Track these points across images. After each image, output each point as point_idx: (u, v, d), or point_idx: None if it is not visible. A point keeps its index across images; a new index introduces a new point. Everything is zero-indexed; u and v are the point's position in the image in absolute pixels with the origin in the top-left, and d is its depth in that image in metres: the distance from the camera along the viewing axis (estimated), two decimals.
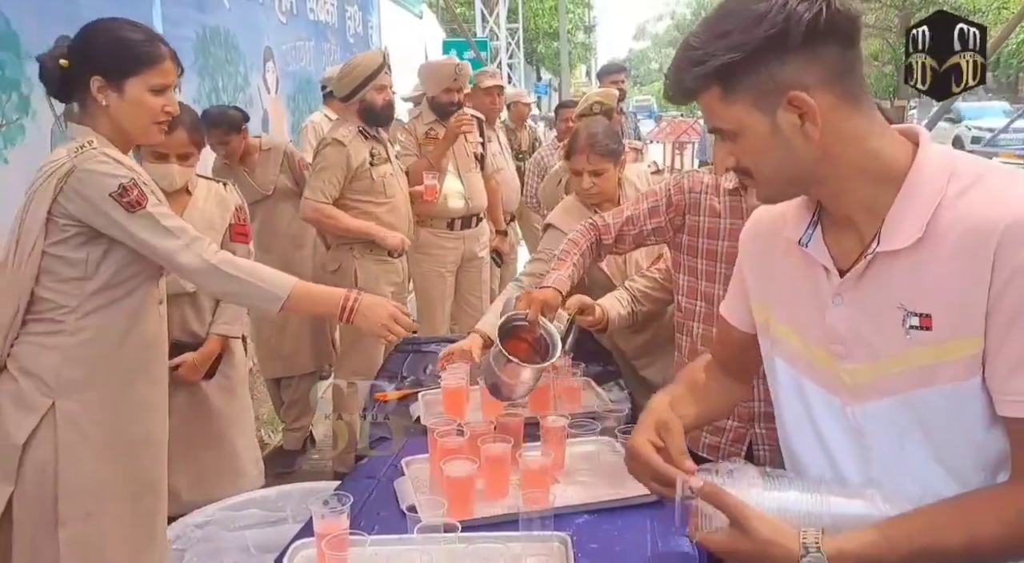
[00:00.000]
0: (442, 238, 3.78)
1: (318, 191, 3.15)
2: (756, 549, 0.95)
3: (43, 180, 1.70)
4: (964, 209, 0.90)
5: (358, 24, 6.47)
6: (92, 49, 1.73)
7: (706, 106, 0.99)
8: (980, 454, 0.94)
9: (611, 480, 1.55)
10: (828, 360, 1.03)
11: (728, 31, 0.92)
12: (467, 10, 16.17)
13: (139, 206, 1.69)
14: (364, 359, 3.24)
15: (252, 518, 2.14)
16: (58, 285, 1.72)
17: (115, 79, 1.71)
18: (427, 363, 2.52)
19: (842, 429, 1.03)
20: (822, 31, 0.90)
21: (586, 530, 1.38)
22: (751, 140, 0.97)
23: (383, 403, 2.16)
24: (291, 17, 4.95)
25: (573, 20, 26.07)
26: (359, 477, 1.66)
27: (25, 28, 2.58)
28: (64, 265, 1.72)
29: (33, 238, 1.70)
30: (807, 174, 0.97)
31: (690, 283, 1.99)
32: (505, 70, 15.40)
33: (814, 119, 0.92)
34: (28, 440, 1.70)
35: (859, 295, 0.99)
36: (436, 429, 1.58)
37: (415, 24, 9.19)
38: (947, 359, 0.92)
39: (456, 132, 3.63)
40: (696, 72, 0.95)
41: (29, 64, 2.61)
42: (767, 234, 1.13)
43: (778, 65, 0.91)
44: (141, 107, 1.73)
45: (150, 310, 1.85)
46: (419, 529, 1.27)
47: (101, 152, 1.70)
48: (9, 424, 1.71)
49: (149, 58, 1.72)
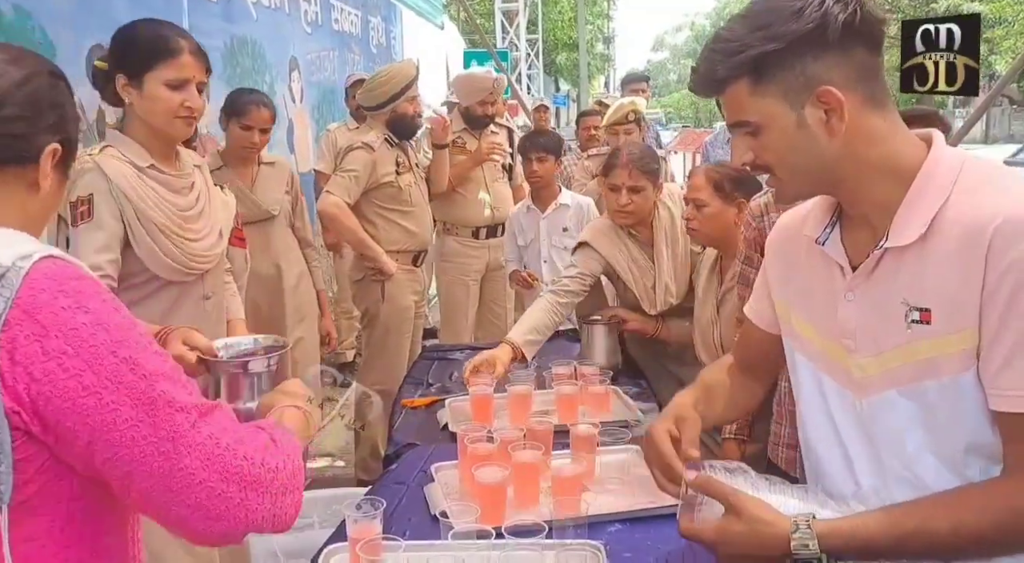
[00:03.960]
0: (467, 247, 3.79)
1: (343, 189, 3.13)
2: (748, 528, 0.98)
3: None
4: (965, 208, 0.94)
5: (381, 35, 6.53)
6: (115, 47, 1.75)
7: (733, 98, 1.01)
8: (977, 448, 0.96)
9: (642, 489, 1.53)
10: (841, 354, 1.06)
11: (766, 24, 0.95)
12: (487, 21, 16.27)
13: (82, 220, 1.69)
14: (388, 367, 3.25)
15: None
16: None
17: (135, 75, 1.72)
18: (452, 370, 2.52)
19: (853, 421, 1.06)
20: (855, 31, 0.94)
21: (619, 539, 1.37)
22: (776, 134, 0.99)
23: (411, 409, 2.16)
24: (316, 27, 5.00)
25: (592, 31, 26.14)
26: (389, 483, 1.66)
27: (61, 39, 2.62)
28: None
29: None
30: (828, 171, 1.00)
31: None
32: (524, 81, 15.47)
33: (841, 115, 0.96)
34: None
35: (869, 290, 1.02)
36: (467, 435, 1.58)
37: (436, 35, 9.26)
38: (945, 353, 0.95)
39: (484, 158, 3.66)
40: (731, 62, 0.98)
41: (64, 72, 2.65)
42: (791, 236, 1.17)
43: (811, 60, 0.95)
44: (157, 102, 1.72)
45: (183, 311, 1.82)
46: (453, 535, 1.27)
47: (91, 158, 1.71)
48: None
49: (164, 52, 1.71)
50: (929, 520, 0.94)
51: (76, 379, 0.78)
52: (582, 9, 19.32)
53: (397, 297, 3.28)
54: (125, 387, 0.79)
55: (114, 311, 0.83)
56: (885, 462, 1.03)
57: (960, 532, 0.92)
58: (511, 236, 3.63)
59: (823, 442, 1.11)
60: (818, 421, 1.11)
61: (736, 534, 0.99)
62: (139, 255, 1.75)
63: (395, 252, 3.25)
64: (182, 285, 1.83)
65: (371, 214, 3.24)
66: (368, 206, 3.24)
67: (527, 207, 3.56)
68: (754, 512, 0.99)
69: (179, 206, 1.83)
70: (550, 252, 3.49)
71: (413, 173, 3.35)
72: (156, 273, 1.78)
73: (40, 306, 0.78)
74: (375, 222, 3.25)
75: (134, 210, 1.73)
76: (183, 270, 1.81)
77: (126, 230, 1.73)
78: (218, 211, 1.97)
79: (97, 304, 0.81)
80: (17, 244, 0.83)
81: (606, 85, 30.81)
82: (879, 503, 1.00)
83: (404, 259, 3.30)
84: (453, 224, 3.76)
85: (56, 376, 0.77)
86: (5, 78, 0.88)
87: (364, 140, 3.21)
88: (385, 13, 6.66)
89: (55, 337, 0.78)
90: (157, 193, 1.78)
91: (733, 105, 1.01)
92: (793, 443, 1.86)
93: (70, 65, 2.68)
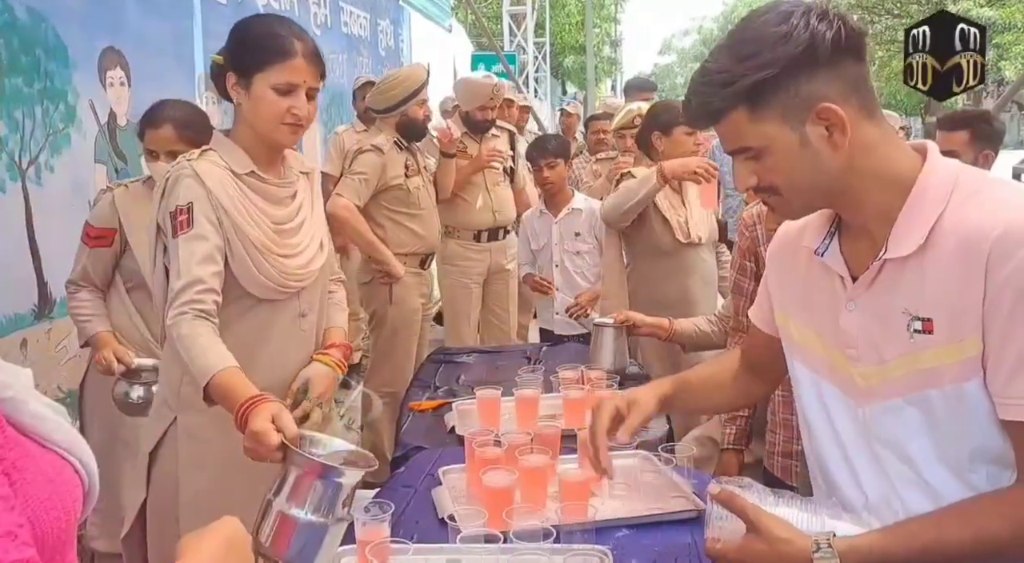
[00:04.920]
0: (469, 250, 3.79)
1: (353, 192, 3.14)
2: (770, 548, 0.99)
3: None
4: (963, 218, 0.95)
5: (389, 38, 6.54)
6: (229, 43, 1.65)
7: (731, 127, 1.01)
8: (982, 453, 0.97)
9: (649, 495, 1.54)
10: (844, 363, 1.07)
11: (754, 52, 0.96)
12: (495, 24, 16.29)
13: (182, 230, 1.57)
14: (395, 370, 3.26)
15: None
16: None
17: (244, 75, 1.61)
18: (460, 373, 2.53)
19: (856, 430, 1.07)
20: (843, 47, 0.96)
21: (626, 544, 1.37)
22: (779, 155, 1.00)
23: (418, 413, 2.16)
24: (325, 30, 5.02)
25: (599, 35, 26.14)
26: (396, 486, 1.67)
27: (72, 40, 2.64)
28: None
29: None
30: (832, 184, 1.01)
31: None
32: (532, 84, 15.47)
33: (843, 129, 0.97)
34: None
35: (870, 300, 1.03)
36: (474, 439, 1.58)
37: (444, 38, 9.28)
38: (948, 361, 0.95)
39: (483, 165, 3.67)
40: (725, 93, 0.98)
41: (76, 74, 2.68)
42: (790, 246, 1.19)
43: (805, 81, 0.96)
44: (262, 105, 1.60)
45: (276, 330, 1.70)
46: (461, 539, 1.27)
47: (190, 164, 1.61)
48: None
49: (275, 53, 1.58)
50: (947, 531, 0.94)
51: None
52: (590, 13, 19.31)
53: (405, 299, 3.29)
54: None
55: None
56: (889, 469, 1.03)
57: (979, 541, 0.92)
58: (524, 240, 3.64)
59: (828, 451, 1.12)
60: (822, 430, 1.12)
61: (758, 553, 1.00)
62: (232, 270, 1.61)
63: (403, 255, 3.27)
64: (275, 303, 1.69)
65: (380, 217, 3.25)
66: (377, 209, 3.25)
67: (540, 211, 3.56)
68: (774, 531, 0.99)
69: (276, 218, 1.68)
70: (562, 257, 3.48)
71: (422, 176, 3.36)
72: (248, 290, 1.64)
73: None
74: (384, 225, 3.26)
75: (231, 222, 1.60)
76: (276, 289, 1.67)
77: (225, 241, 1.60)
78: (321, 222, 1.82)
79: None
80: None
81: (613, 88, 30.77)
82: (890, 511, 1.00)
83: (412, 262, 3.31)
84: (455, 227, 3.77)
85: None
86: None
87: (373, 143, 3.22)
88: (394, 16, 6.69)
89: None
90: (253, 204, 1.65)
91: (731, 133, 1.02)
92: (787, 451, 1.87)
93: (82, 67, 2.70)
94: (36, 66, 2.50)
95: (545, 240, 3.53)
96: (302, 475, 1.09)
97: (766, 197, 1.07)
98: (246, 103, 1.63)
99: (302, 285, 1.73)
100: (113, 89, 2.87)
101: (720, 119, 1.01)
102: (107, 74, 2.84)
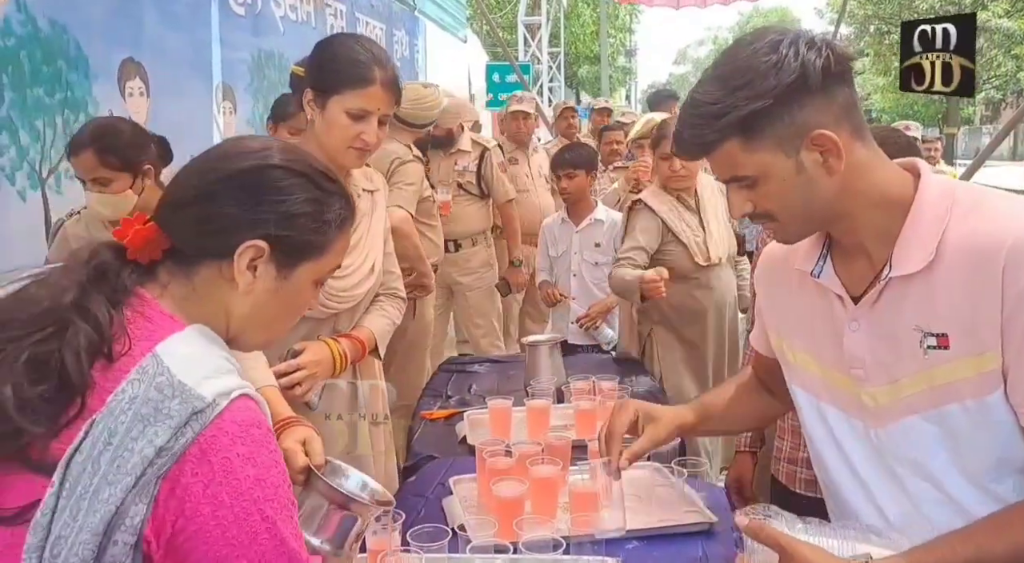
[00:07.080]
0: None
1: (409, 203, 3.04)
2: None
3: None
4: (968, 232, 0.95)
5: (405, 48, 6.60)
6: (311, 61, 1.67)
7: (724, 157, 1.01)
8: (1007, 462, 0.96)
9: (661, 506, 1.53)
10: (849, 385, 1.06)
11: (746, 82, 0.96)
12: (509, 35, 16.37)
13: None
14: (410, 382, 3.26)
15: None
16: None
17: (321, 94, 1.62)
18: (471, 383, 2.53)
19: (867, 451, 1.06)
20: (832, 74, 0.96)
21: (636, 556, 1.37)
22: (774, 183, 1.00)
23: (430, 421, 2.17)
24: None
25: (614, 45, 26.20)
26: (407, 495, 1.67)
27: (93, 51, 2.69)
28: None
29: None
30: (828, 208, 1.01)
31: None
32: (546, 93, 15.52)
33: (838, 154, 0.97)
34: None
35: (875, 319, 1.03)
36: (485, 449, 1.58)
37: (459, 48, 9.34)
38: (966, 375, 0.95)
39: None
40: (718, 125, 0.98)
41: (96, 85, 2.72)
42: (779, 269, 1.18)
43: (798, 109, 0.96)
44: (334, 127, 1.62)
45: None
46: (471, 549, 1.27)
47: None
48: None
49: (353, 80, 1.60)
50: (985, 545, 0.93)
51: (222, 529, 0.77)
52: (604, 23, 19.38)
53: (423, 313, 3.29)
54: (257, 546, 0.79)
55: (274, 465, 0.82)
56: (910, 488, 1.02)
57: (1019, 553, 0.91)
58: (543, 246, 3.61)
59: (838, 475, 1.10)
60: (830, 453, 1.11)
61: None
62: None
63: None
64: (312, 320, 1.68)
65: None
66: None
67: (561, 219, 3.51)
68: (810, 558, 0.96)
69: None
70: (580, 266, 3.45)
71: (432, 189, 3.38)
72: None
73: (218, 449, 0.78)
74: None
75: None
76: (319, 308, 1.65)
77: None
78: (377, 243, 1.78)
79: (265, 456, 0.81)
80: (219, 375, 0.81)
81: (627, 98, 30.81)
82: (916, 531, 0.99)
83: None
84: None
85: (206, 520, 0.77)
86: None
87: (415, 153, 3.16)
88: (409, 27, 6.74)
89: (220, 484, 0.77)
90: None
91: (725, 163, 1.02)
92: (793, 458, 1.86)
93: (102, 78, 2.75)
94: (57, 77, 2.55)
95: (564, 247, 3.51)
96: (320, 502, 1.08)
97: (763, 222, 1.07)
98: (319, 121, 1.64)
99: (343, 308, 1.70)
100: (132, 99, 2.92)
101: (713, 151, 1.01)
102: (126, 85, 2.89)
